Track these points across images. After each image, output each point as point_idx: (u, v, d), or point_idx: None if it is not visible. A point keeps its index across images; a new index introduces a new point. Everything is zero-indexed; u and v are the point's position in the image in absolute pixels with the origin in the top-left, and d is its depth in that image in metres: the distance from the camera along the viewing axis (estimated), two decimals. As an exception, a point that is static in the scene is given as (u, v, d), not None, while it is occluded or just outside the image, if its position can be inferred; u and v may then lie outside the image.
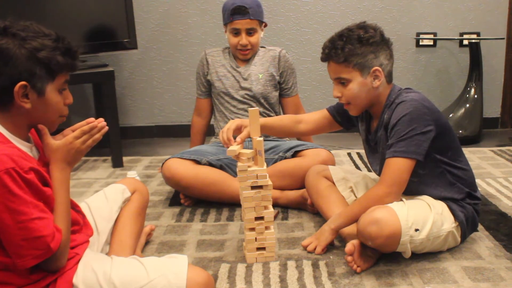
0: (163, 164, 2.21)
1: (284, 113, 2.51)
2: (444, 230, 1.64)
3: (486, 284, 1.54)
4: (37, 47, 1.21)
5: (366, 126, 1.83)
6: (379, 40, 1.67)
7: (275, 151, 2.28)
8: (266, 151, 2.24)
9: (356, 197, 1.91)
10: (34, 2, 2.70)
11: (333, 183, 1.94)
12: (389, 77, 1.71)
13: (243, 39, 2.30)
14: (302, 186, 2.11)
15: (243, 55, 2.37)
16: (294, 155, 2.24)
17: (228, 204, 2.19)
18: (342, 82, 1.69)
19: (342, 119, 1.92)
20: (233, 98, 2.39)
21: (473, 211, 1.73)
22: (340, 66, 1.67)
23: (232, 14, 2.28)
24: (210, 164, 2.20)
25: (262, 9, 2.35)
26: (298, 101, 2.50)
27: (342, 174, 1.95)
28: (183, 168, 2.15)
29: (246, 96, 2.38)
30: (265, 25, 2.40)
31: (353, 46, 1.64)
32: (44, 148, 1.31)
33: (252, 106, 2.34)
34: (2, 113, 1.24)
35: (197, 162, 2.19)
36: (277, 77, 2.41)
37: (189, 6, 3.41)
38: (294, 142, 2.31)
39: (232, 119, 2.26)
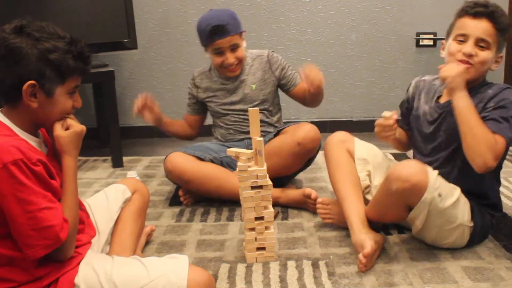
0: (166, 157, 2.21)
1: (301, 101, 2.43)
2: (459, 219, 1.65)
3: (486, 284, 1.54)
4: (49, 48, 1.23)
5: (429, 98, 1.81)
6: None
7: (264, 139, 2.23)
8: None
9: (370, 183, 1.88)
10: (34, 2, 2.70)
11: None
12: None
13: (229, 58, 2.20)
14: (290, 163, 2.13)
15: (232, 72, 2.28)
16: (277, 134, 2.23)
17: (228, 204, 2.19)
18: (481, 45, 1.65)
19: (407, 125, 1.93)
20: (229, 112, 2.34)
21: (490, 222, 1.75)
22: (492, 30, 1.64)
23: (211, 36, 2.16)
24: (212, 162, 2.20)
25: (238, 19, 2.22)
26: (303, 85, 2.35)
27: (364, 154, 1.89)
28: (185, 162, 2.14)
29: (242, 109, 2.31)
30: (244, 31, 2.28)
31: (506, 26, 1.66)
32: (56, 139, 1.33)
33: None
34: (11, 110, 1.27)
35: (200, 159, 2.19)
36: (276, 81, 2.34)
37: (189, 6, 3.41)
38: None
39: (233, 125, 2.31)
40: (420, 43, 3.47)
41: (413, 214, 1.63)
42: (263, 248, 1.71)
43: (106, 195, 1.66)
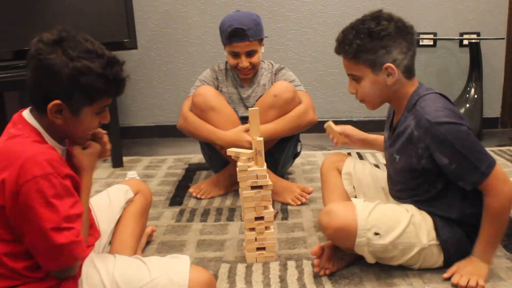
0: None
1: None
2: (417, 244, 1.53)
3: (486, 284, 1.54)
4: (82, 70, 1.19)
5: (390, 117, 1.72)
6: (393, 32, 1.51)
7: None
8: None
9: (356, 196, 1.88)
10: (34, 2, 2.70)
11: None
12: (407, 73, 1.55)
13: (243, 62, 2.23)
14: (273, 118, 2.15)
15: (244, 76, 2.32)
16: None
17: (228, 204, 2.20)
18: (355, 79, 1.58)
19: None
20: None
21: (464, 235, 1.57)
22: (350, 62, 1.56)
23: (230, 37, 2.19)
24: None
25: (262, 25, 2.26)
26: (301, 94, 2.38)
27: (350, 169, 1.88)
28: (218, 95, 2.23)
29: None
30: (266, 37, 2.32)
31: (361, 42, 1.50)
32: (76, 157, 1.34)
33: None
34: (39, 115, 1.25)
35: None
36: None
37: (189, 6, 3.41)
38: None
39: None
40: (420, 43, 3.47)
41: (357, 252, 1.54)
42: (263, 248, 1.71)
43: (109, 195, 1.66)
